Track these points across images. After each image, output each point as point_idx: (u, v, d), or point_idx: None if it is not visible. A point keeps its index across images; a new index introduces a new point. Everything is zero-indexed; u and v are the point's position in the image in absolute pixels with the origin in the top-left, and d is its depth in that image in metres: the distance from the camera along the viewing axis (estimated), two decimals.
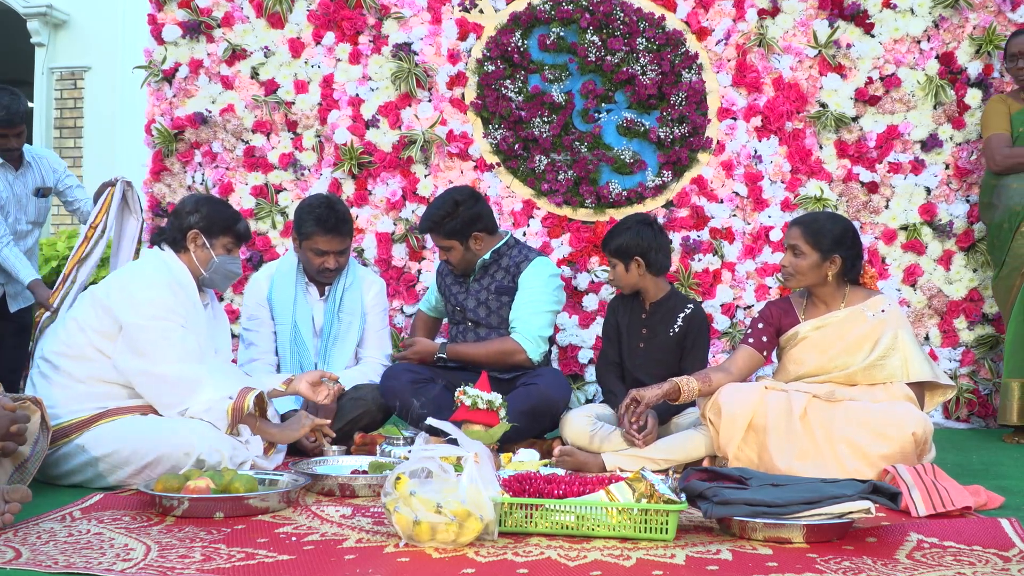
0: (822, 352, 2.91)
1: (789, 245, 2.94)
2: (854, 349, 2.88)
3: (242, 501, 2.24)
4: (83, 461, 2.55)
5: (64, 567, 1.78)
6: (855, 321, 2.90)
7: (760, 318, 3.05)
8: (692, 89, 4.26)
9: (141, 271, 2.82)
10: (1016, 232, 3.79)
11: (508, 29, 4.32)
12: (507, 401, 2.78)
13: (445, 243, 3.37)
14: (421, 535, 1.92)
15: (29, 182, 4.04)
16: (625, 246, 3.17)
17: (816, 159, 4.25)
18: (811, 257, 2.89)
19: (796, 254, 2.91)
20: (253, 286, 3.54)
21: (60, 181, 4.18)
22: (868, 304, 2.92)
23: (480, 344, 3.37)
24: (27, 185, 4.03)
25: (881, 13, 4.21)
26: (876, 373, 2.85)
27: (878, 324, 2.88)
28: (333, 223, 3.36)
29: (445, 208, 3.35)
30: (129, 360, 2.65)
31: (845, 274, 2.92)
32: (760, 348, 3.00)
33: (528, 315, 3.33)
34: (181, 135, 4.49)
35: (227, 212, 2.96)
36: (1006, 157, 3.83)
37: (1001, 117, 3.88)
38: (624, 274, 3.20)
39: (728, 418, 2.80)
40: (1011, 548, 1.95)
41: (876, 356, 2.85)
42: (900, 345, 2.85)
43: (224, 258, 2.91)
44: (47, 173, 4.12)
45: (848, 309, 2.92)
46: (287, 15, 4.44)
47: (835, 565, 1.84)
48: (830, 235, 2.88)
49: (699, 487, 2.14)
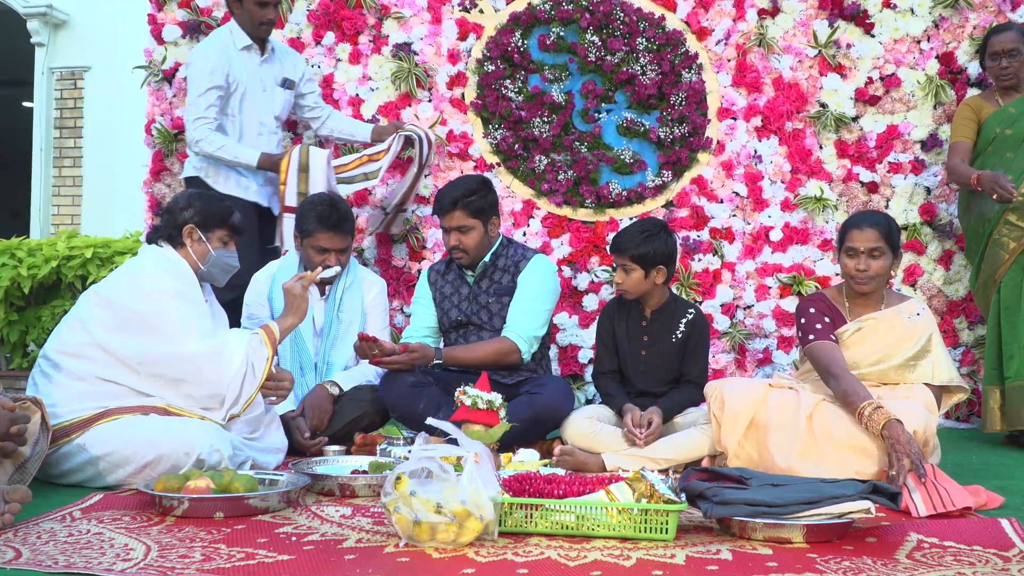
0: (864, 351, 2.92)
1: (867, 248, 2.88)
2: (893, 350, 2.91)
3: (242, 501, 2.24)
4: (83, 460, 2.55)
5: (64, 567, 1.78)
6: (894, 322, 2.94)
7: (813, 314, 2.94)
8: (692, 89, 4.26)
9: (143, 265, 2.84)
10: (989, 239, 3.74)
11: (508, 29, 4.32)
12: (509, 409, 2.76)
13: (469, 222, 3.29)
14: (421, 535, 1.92)
15: (276, 72, 3.88)
16: (652, 254, 3.08)
17: (816, 159, 4.25)
18: (887, 258, 2.92)
19: (874, 256, 2.89)
20: (254, 285, 3.55)
21: (303, 79, 4.03)
22: (903, 307, 2.96)
23: (475, 346, 3.32)
24: (272, 74, 3.87)
25: (881, 13, 4.21)
26: (908, 374, 2.89)
27: (915, 327, 2.92)
28: (335, 220, 3.38)
29: (473, 185, 3.33)
30: (152, 347, 2.66)
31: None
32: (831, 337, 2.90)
33: (526, 314, 3.31)
34: (181, 135, 4.49)
35: (220, 206, 2.97)
36: (951, 169, 3.81)
37: (964, 124, 3.83)
38: (640, 281, 3.11)
39: (731, 413, 2.81)
40: (1011, 548, 1.95)
41: (910, 357, 2.89)
42: (932, 348, 2.91)
43: (221, 251, 2.92)
44: (291, 67, 3.98)
45: (888, 310, 2.96)
46: (287, 15, 4.44)
47: (835, 565, 1.84)
48: (897, 235, 2.96)
49: (699, 487, 2.14)
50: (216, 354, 2.70)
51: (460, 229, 3.30)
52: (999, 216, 3.67)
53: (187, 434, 2.55)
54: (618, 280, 3.14)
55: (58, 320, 2.85)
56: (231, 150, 3.75)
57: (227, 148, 3.75)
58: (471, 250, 3.32)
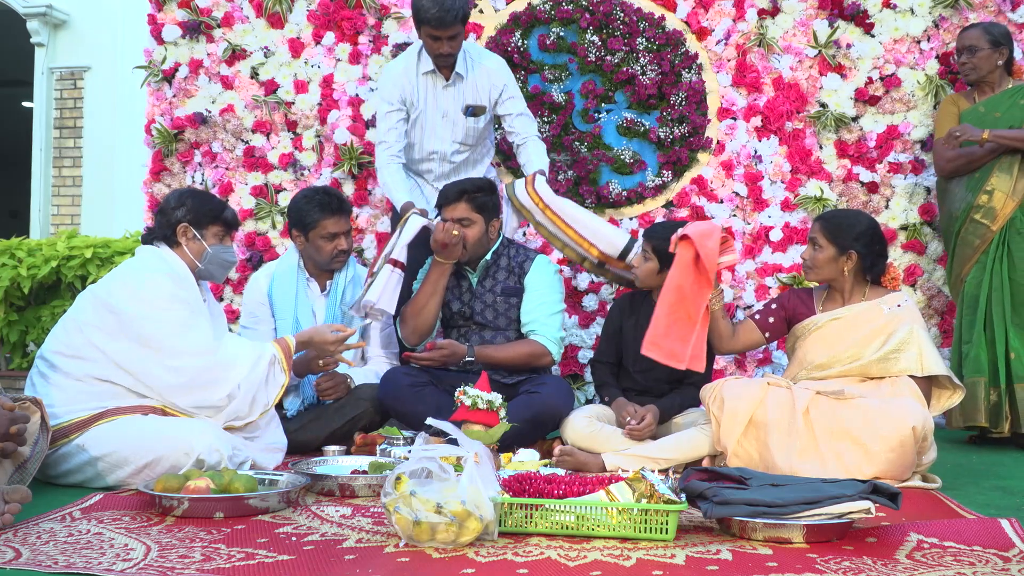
0: (835, 343, 2.95)
1: (810, 238, 3.04)
2: (866, 341, 2.92)
3: (242, 501, 2.24)
4: (82, 461, 2.55)
5: (64, 567, 1.78)
6: (871, 314, 2.95)
7: (775, 300, 3.13)
8: (692, 89, 4.26)
9: (139, 266, 2.83)
10: (957, 237, 3.78)
11: (508, 29, 4.32)
12: (509, 409, 2.77)
13: (472, 216, 3.28)
14: (421, 535, 1.92)
15: (461, 97, 3.61)
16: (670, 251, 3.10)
17: (816, 159, 4.25)
18: (828, 251, 2.97)
19: (815, 247, 3.00)
20: (253, 284, 3.56)
21: (500, 101, 3.64)
22: (885, 299, 2.97)
23: (508, 346, 3.33)
24: (455, 100, 3.62)
25: (881, 13, 4.21)
26: (891, 366, 2.88)
27: (893, 318, 2.92)
28: (336, 204, 3.42)
29: (480, 182, 3.35)
30: (144, 354, 2.65)
31: (866, 272, 2.98)
32: (763, 328, 3.09)
33: (545, 317, 3.34)
34: (181, 135, 4.49)
35: (213, 202, 2.97)
36: (948, 161, 3.81)
37: (950, 120, 3.85)
38: (652, 273, 3.19)
39: (730, 412, 2.81)
40: (1011, 548, 1.95)
41: (891, 348, 2.88)
42: (915, 339, 2.89)
43: (217, 247, 2.91)
44: (484, 90, 3.63)
45: (866, 303, 2.97)
46: (287, 15, 4.44)
47: (835, 565, 1.84)
48: (849, 231, 2.96)
49: (699, 487, 2.14)
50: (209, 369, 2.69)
51: (462, 222, 3.29)
52: (965, 214, 3.74)
53: (186, 434, 2.55)
54: (635, 264, 3.27)
55: (58, 320, 2.84)
56: (390, 186, 3.56)
57: (388, 185, 3.57)
58: (470, 246, 3.31)
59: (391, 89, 3.63)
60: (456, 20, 3.38)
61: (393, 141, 3.61)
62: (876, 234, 2.99)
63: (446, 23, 3.37)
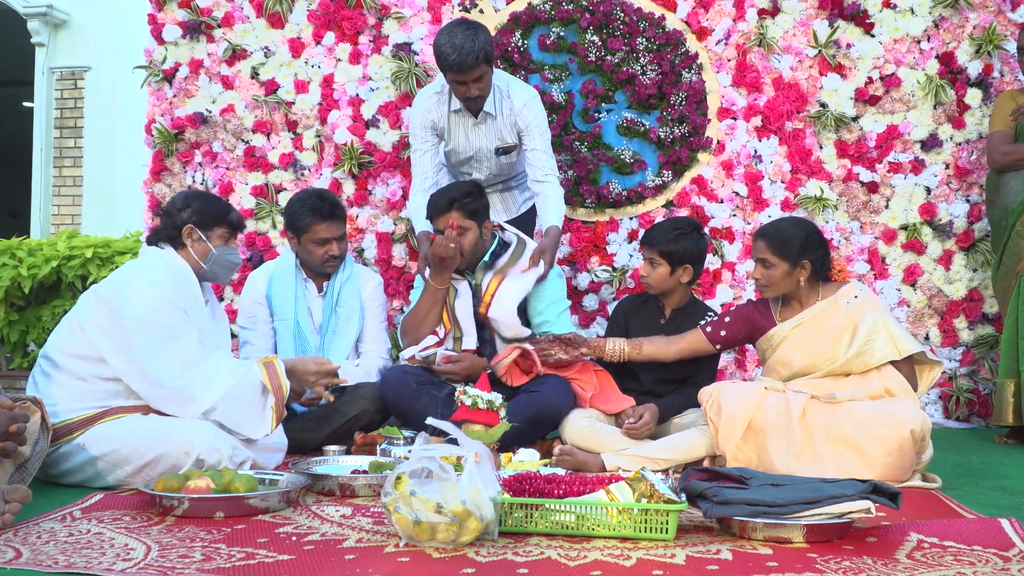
0: (807, 349, 2.92)
1: (758, 259, 2.95)
2: (836, 341, 2.89)
3: (242, 501, 2.24)
4: (82, 460, 2.55)
5: (64, 567, 1.78)
6: (831, 312, 2.92)
7: (731, 313, 3.07)
8: (692, 89, 4.26)
9: (142, 267, 2.83)
10: (1012, 230, 3.78)
11: (508, 29, 4.32)
12: (509, 408, 2.76)
13: (466, 223, 3.27)
14: (421, 535, 1.92)
15: (492, 136, 3.53)
16: (681, 252, 3.13)
17: (816, 159, 4.25)
18: (781, 267, 2.91)
19: (766, 266, 2.93)
20: (251, 284, 3.55)
21: (524, 132, 3.50)
22: (840, 294, 2.94)
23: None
24: (486, 138, 3.54)
25: (881, 13, 4.21)
26: (868, 358, 2.86)
27: (854, 311, 2.90)
28: (328, 210, 3.40)
29: (467, 187, 3.31)
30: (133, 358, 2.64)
31: (816, 275, 2.94)
32: (713, 340, 3.04)
33: (555, 316, 3.35)
34: (181, 135, 4.49)
35: (218, 204, 2.97)
36: (1004, 155, 3.83)
37: (1006, 114, 3.88)
38: (665, 277, 3.16)
39: (728, 417, 2.80)
40: (1011, 548, 1.95)
41: (861, 341, 2.85)
42: (882, 325, 2.87)
43: (223, 249, 2.91)
44: (511, 126, 3.51)
45: (823, 302, 2.94)
46: (287, 15, 4.44)
47: (835, 565, 1.84)
48: (796, 242, 2.90)
49: (699, 487, 2.14)
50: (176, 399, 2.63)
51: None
52: (1021, 208, 3.74)
53: (187, 434, 2.55)
54: (643, 273, 3.20)
55: (58, 320, 2.84)
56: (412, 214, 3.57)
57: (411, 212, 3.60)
58: (467, 253, 3.31)
59: (423, 116, 3.58)
60: (478, 62, 3.28)
61: (426, 171, 3.59)
62: (819, 237, 2.96)
63: (467, 67, 3.28)
